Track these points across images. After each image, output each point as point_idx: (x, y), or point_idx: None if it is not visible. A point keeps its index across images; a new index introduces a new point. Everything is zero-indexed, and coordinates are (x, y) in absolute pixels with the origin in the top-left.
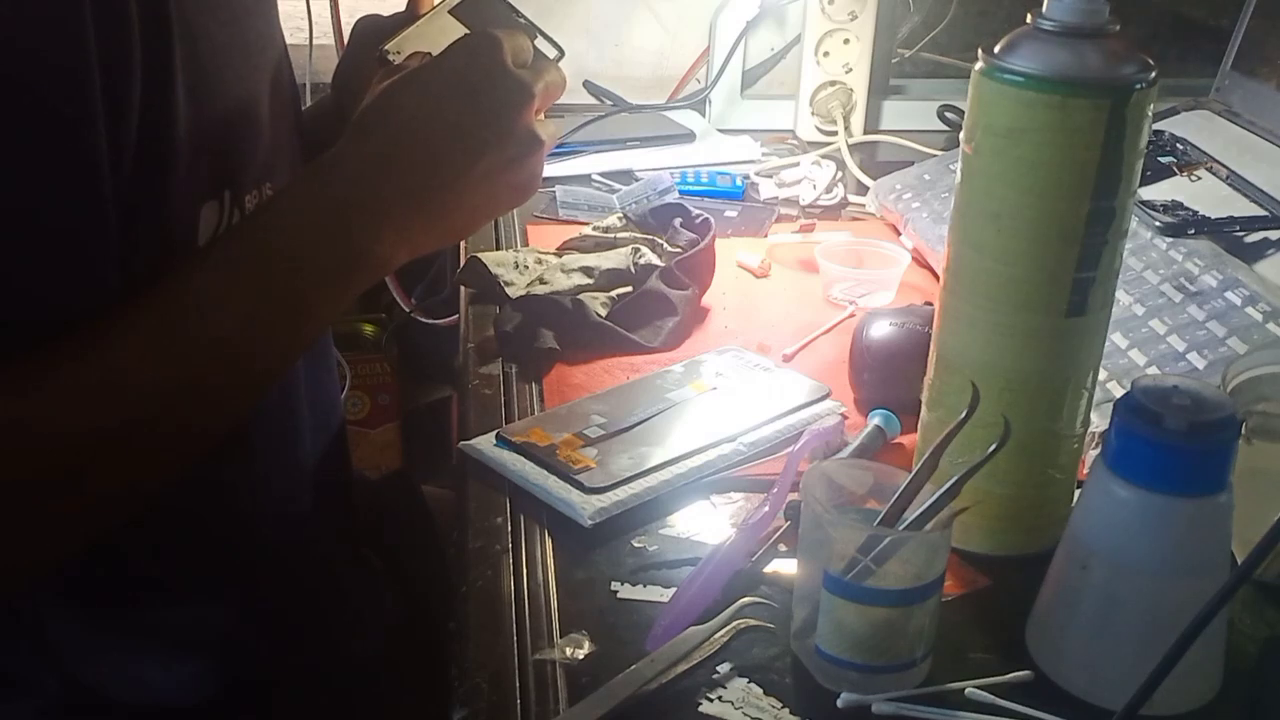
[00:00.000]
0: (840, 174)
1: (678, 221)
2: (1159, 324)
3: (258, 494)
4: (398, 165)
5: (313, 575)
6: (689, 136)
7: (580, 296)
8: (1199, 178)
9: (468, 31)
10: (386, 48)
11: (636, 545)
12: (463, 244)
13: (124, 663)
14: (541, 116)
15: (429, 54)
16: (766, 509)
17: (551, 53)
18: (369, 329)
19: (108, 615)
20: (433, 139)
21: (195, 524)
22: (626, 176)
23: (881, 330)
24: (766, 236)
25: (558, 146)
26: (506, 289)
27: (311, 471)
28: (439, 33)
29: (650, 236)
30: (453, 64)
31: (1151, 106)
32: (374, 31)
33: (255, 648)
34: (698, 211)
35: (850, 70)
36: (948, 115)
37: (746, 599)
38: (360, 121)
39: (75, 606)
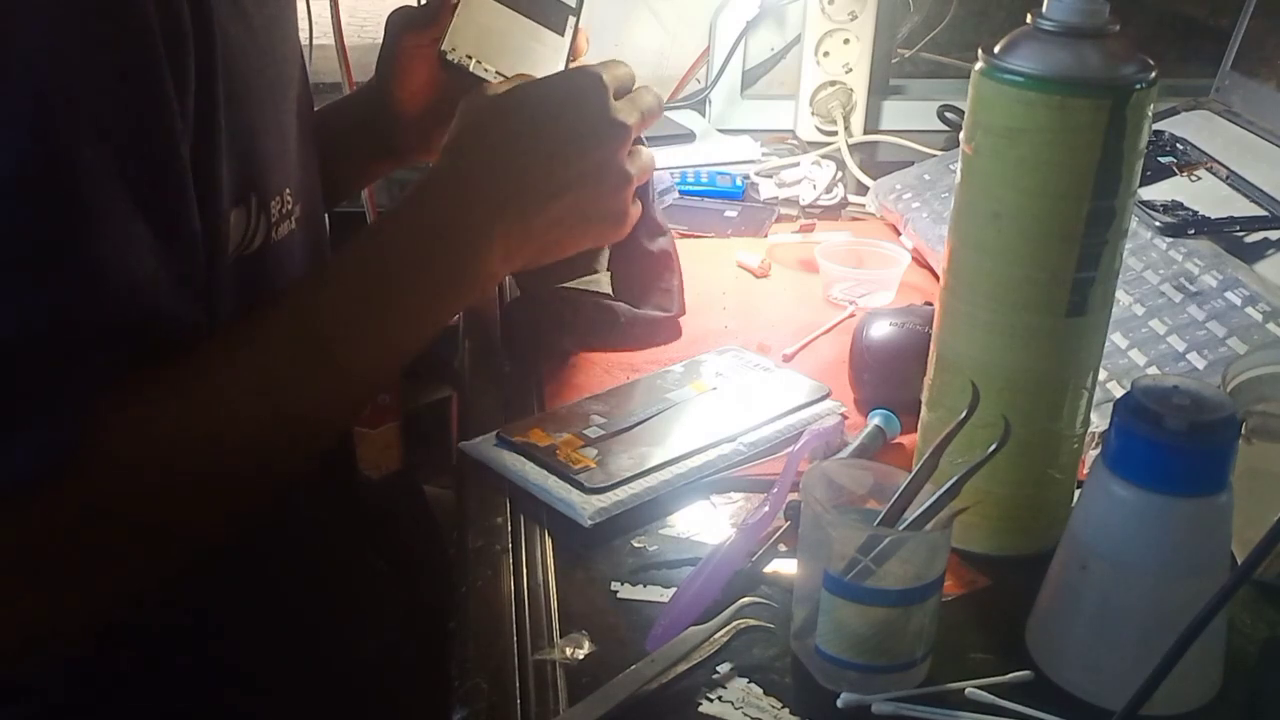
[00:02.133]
0: (840, 174)
1: None
2: (1159, 324)
3: None
4: (497, 185)
5: (317, 575)
6: (689, 136)
7: (587, 287)
8: (1199, 178)
9: (514, 15)
10: (442, 48)
11: (636, 545)
12: None
13: (125, 664)
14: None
15: (489, 69)
16: (766, 509)
17: (572, 1)
18: None
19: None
20: (527, 164)
21: None
22: None
23: (881, 330)
24: (766, 236)
25: None
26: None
27: (316, 471)
28: (486, 17)
29: None
30: (555, 99)
31: (1151, 106)
32: (407, 22)
33: (258, 647)
34: None
35: (850, 70)
36: (948, 115)
37: (746, 599)
38: (455, 143)
39: None
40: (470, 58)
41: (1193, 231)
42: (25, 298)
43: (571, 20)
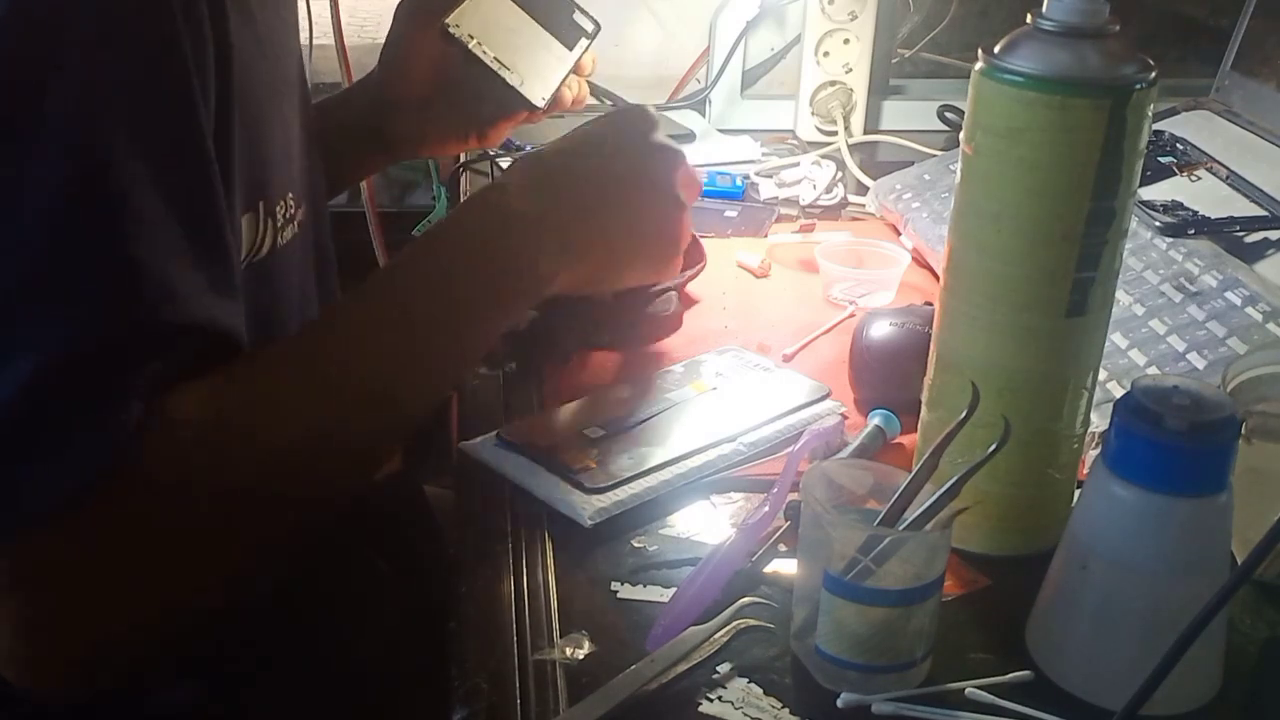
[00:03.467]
0: (840, 174)
1: None
2: (1159, 324)
3: None
4: (558, 189)
5: (316, 575)
6: (689, 136)
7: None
8: (1199, 178)
9: (526, 19)
10: (447, 21)
11: (636, 545)
12: None
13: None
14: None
15: (488, 53)
16: (766, 509)
17: (589, 26)
18: None
19: None
20: (578, 178)
21: None
22: None
23: (881, 330)
24: (766, 236)
25: None
26: None
27: None
28: (498, 12)
29: None
30: (604, 129)
31: (1151, 106)
32: (419, 7)
33: (257, 648)
34: None
35: (850, 70)
36: (948, 115)
37: (746, 599)
38: (517, 167)
39: None
40: (472, 38)
41: (1193, 231)
42: (71, 312)
43: (584, 42)
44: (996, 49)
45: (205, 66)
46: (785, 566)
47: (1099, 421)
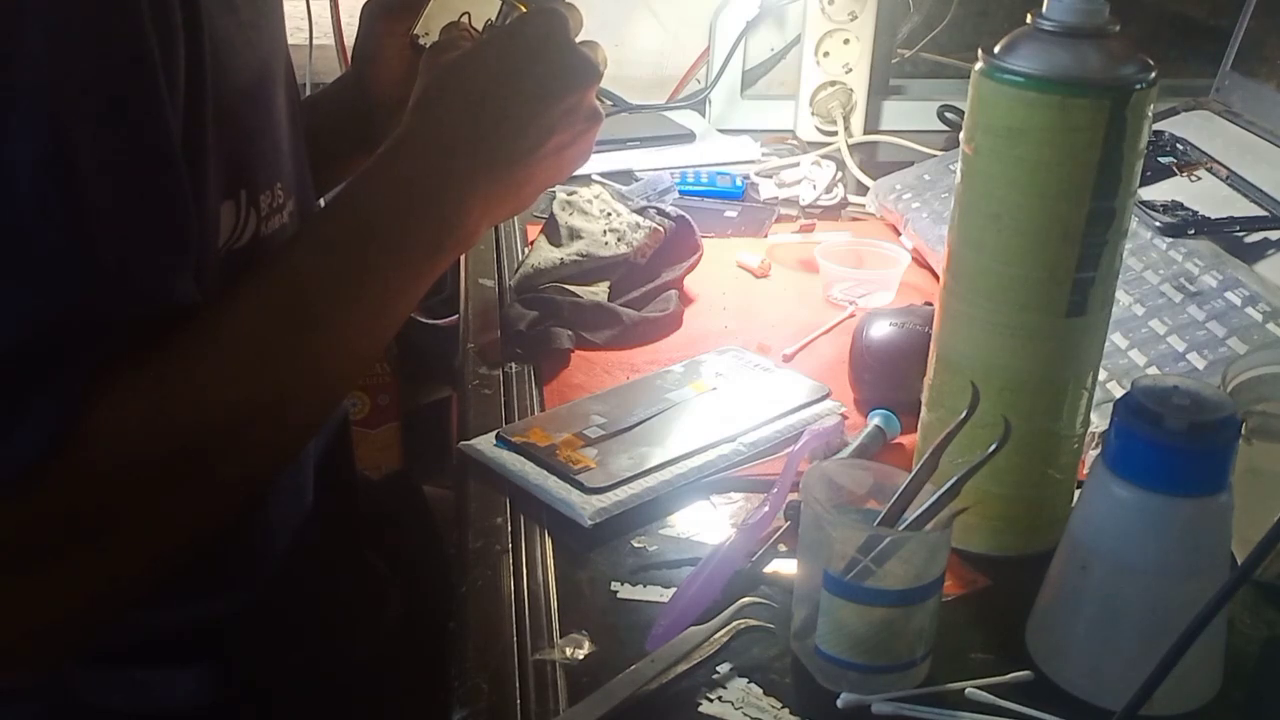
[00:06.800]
0: (840, 174)
1: (652, 211)
2: (1159, 324)
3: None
4: (477, 137)
5: (314, 576)
6: (689, 136)
7: (583, 291)
8: (1199, 178)
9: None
10: (415, 32)
11: (636, 545)
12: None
13: (124, 667)
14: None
15: (467, 25)
16: (766, 509)
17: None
18: None
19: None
20: (509, 112)
21: None
22: (626, 176)
23: (881, 330)
24: (766, 236)
25: None
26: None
27: (315, 470)
28: (457, 9)
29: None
30: (524, 41)
31: (1151, 106)
32: (383, 10)
33: (256, 649)
34: (675, 210)
35: (850, 70)
36: (948, 115)
37: (746, 599)
38: (428, 96)
39: None
40: None
41: (1193, 231)
42: (27, 295)
43: None
44: (996, 49)
45: (173, 51)
46: (785, 566)
47: (1099, 421)
